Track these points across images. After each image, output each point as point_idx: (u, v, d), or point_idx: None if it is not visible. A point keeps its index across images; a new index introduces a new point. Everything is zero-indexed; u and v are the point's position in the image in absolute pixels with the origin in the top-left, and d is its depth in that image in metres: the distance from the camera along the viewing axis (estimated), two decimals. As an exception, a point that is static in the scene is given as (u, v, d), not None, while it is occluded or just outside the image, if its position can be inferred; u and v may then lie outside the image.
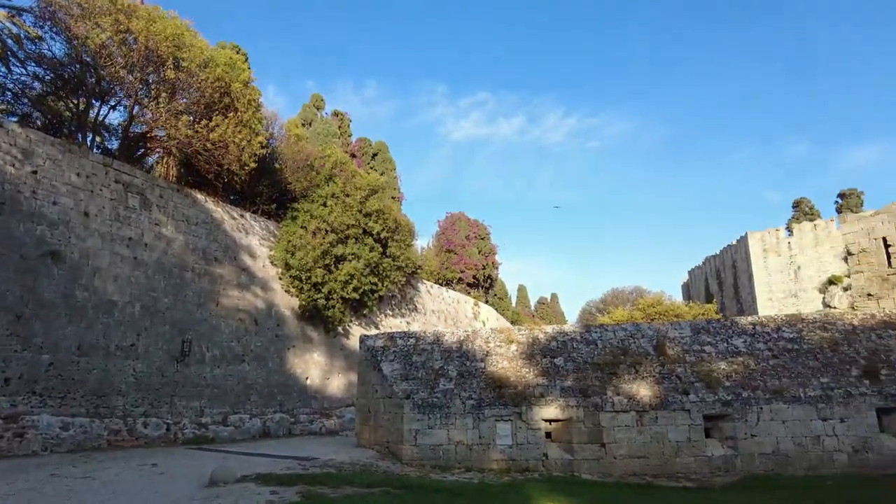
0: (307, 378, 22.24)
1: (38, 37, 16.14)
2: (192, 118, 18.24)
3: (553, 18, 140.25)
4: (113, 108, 18.51)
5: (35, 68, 16.87)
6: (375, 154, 39.08)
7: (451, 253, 40.67)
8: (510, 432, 11.86)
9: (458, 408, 12.03)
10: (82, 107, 17.43)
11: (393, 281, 25.80)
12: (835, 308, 25.73)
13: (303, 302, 22.24)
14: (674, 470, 11.37)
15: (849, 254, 19.33)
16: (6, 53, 15.77)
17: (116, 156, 17.85)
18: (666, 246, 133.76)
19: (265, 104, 23.67)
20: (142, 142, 19.58)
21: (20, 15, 15.81)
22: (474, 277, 41.24)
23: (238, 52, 25.25)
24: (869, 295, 19.04)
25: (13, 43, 15.66)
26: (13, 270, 13.51)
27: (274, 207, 23.08)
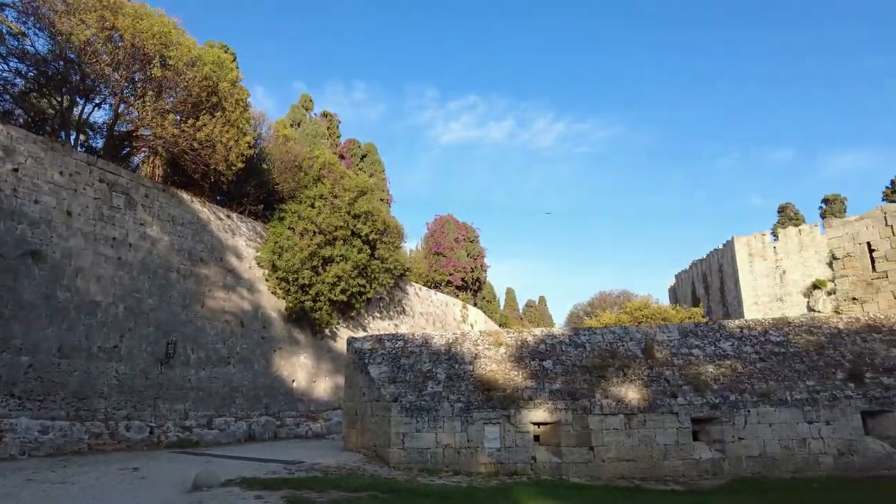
0: (293, 381, 22.03)
1: (21, 32, 15.85)
2: (179, 117, 18.00)
3: (541, 24, 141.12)
4: (98, 107, 18.24)
5: (17, 64, 16.56)
6: (364, 156, 38.96)
7: (440, 255, 40.62)
8: (498, 435, 11.80)
9: (447, 411, 11.95)
10: (66, 104, 17.13)
11: (381, 283, 25.66)
12: (819, 312, 26.00)
13: (290, 304, 22.03)
14: (662, 473, 11.37)
15: (834, 258, 19.59)
16: (-12, 49, 15.50)
17: (101, 155, 17.56)
18: (653, 250, 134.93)
19: (253, 104, 23.50)
20: (127, 141, 19.30)
21: (2, 10, 15.53)
22: (463, 280, 41.21)
23: (226, 52, 25.02)
24: (854, 299, 19.29)
25: (-5, 38, 15.39)
26: (-8, 270, 13.24)
27: (261, 208, 22.86)
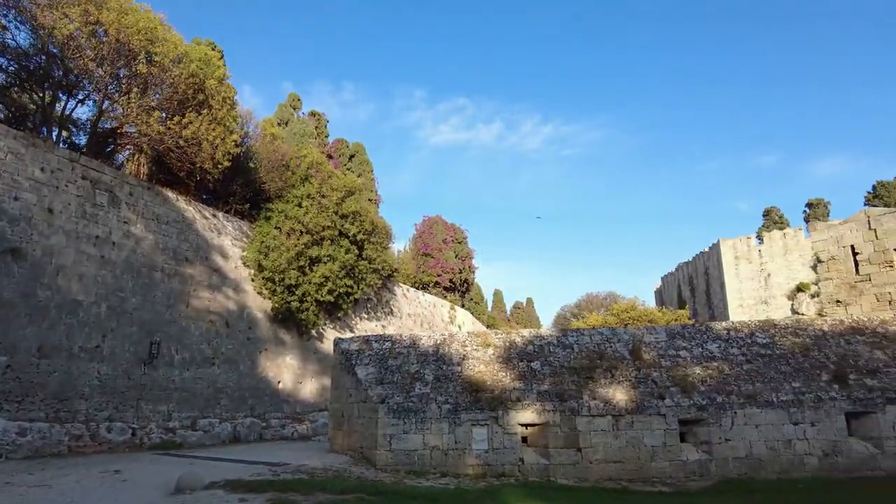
0: (279, 382, 21.81)
1: (2, 26, 15.54)
2: (165, 114, 17.77)
3: (530, 27, 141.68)
4: (81, 103, 17.94)
5: (-2, 59, 16.28)
6: (353, 155, 38.76)
7: (428, 256, 40.54)
8: (486, 437, 11.73)
9: (434, 412, 11.86)
10: (48, 100, 16.83)
11: (369, 284, 25.52)
12: (803, 315, 26.28)
13: (276, 304, 21.82)
14: (649, 474, 11.38)
15: (819, 261, 19.84)
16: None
17: (84, 151, 17.24)
18: (639, 252, 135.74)
19: (240, 103, 23.28)
20: (111, 138, 19.00)
21: (-18, 3, 15.22)
22: (451, 281, 41.16)
23: (213, 49, 24.70)
24: (837, 301, 19.53)
25: (-26, 32, 15.07)
26: (-30, 268, 12.94)
27: (247, 207, 22.61)
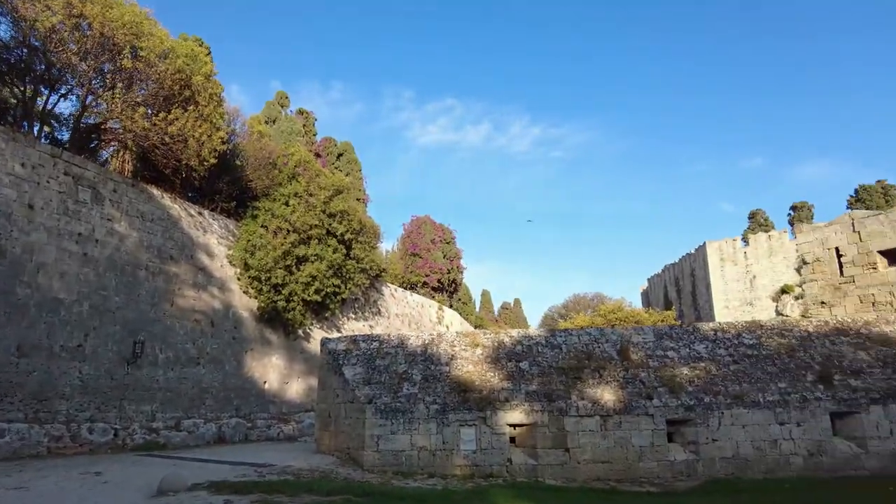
0: (265, 382, 21.58)
1: (-18, 18, 15.23)
2: (150, 110, 17.48)
3: (518, 29, 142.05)
4: (64, 97, 17.61)
5: (-23, 51, 15.92)
6: (341, 154, 38.54)
7: (416, 256, 40.41)
8: (474, 437, 11.67)
9: (422, 413, 11.78)
10: (29, 94, 16.50)
11: (356, 283, 25.34)
12: (787, 316, 26.55)
13: (262, 304, 21.59)
14: (637, 475, 11.39)
15: (804, 263, 20.06)
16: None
17: (67, 147, 16.94)
18: (626, 254, 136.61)
19: (228, 100, 23.01)
20: (95, 133, 18.69)
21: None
22: (439, 281, 41.06)
23: (201, 45, 24.39)
24: (822, 303, 19.75)
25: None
26: (-53, 265, 12.63)
27: (234, 205, 22.34)
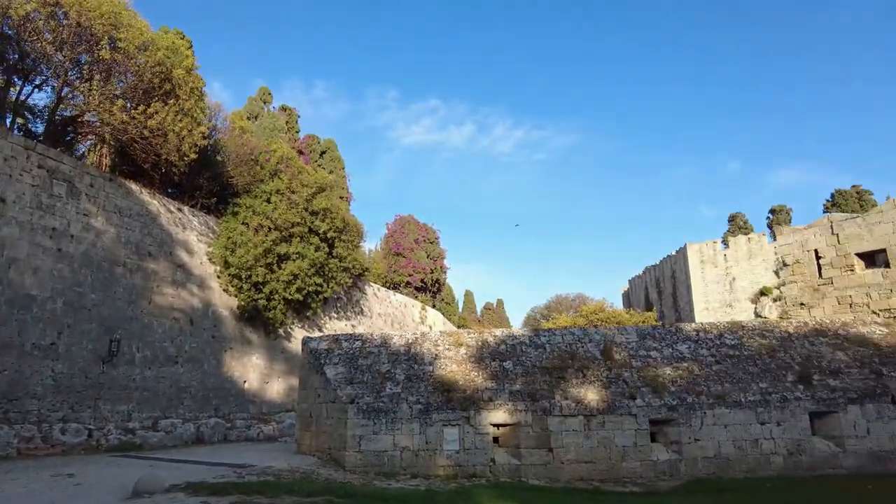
0: (245, 382, 21.26)
1: (-47, 4, 14.73)
2: (129, 103, 17.13)
3: (503, 31, 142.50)
4: (38, 88, 17.19)
5: (-53, 39, 15.42)
6: (324, 152, 38.17)
7: (400, 256, 40.22)
8: (458, 437, 11.57)
9: (405, 412, 11.65)
10: (1, 84, 16.04)
11: (339, 282, 25.11)
12: (766, 318, 26.89)
13: (242, 302, 21.26)
14: (620, 475, 11.39)
15: (784, 264, 20.37)
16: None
17: (41, 140, 16.49)
18: (607, 255, 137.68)
19: (209, 95, 22.64)
20: (71, 126, 18.24)
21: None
22: (422, 281, 40.91)
23: (182, 38, 23.98)
24: (801, 304, 20.07)
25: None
26: (-87, 259, 12.18)
27: (214, 202, 21.99)
